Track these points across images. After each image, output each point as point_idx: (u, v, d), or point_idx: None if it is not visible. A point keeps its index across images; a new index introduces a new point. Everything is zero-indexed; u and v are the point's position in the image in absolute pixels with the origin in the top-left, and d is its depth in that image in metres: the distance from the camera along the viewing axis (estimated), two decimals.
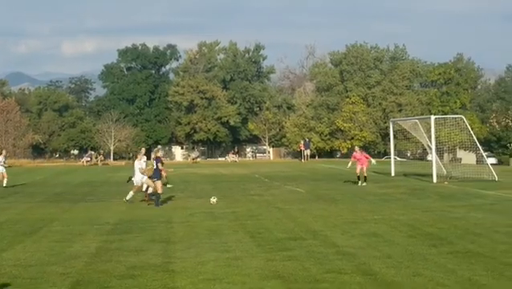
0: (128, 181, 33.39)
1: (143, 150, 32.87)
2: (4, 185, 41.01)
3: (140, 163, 29.49)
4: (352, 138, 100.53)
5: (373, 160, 40.15)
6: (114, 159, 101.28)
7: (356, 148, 42.55)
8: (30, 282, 12.51)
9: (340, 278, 12.35)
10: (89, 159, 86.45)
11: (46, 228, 20.65)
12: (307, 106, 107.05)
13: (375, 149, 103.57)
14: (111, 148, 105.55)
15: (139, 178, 29.12)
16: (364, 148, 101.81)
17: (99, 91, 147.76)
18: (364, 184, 37.54)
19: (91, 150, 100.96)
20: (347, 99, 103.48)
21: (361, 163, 39.14)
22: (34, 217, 24.01)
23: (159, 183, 28.04)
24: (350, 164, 40.35)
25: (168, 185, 36.79)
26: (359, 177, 38.61)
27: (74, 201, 30.43)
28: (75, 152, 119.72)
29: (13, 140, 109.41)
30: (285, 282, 12.17)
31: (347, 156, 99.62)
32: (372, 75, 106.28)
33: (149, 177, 28.46)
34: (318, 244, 16.41)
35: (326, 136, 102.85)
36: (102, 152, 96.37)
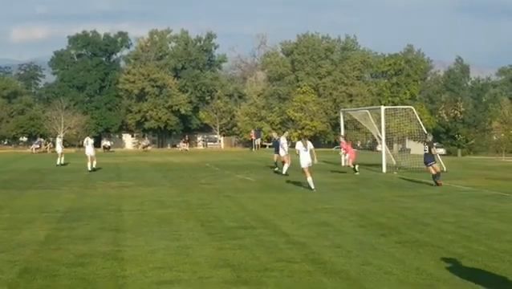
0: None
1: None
2: (89, 168, 42.03)
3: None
4: (303, 128, 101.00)
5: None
6: (65, 146, 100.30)
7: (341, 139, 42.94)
8: None
9: (290, 267, 12.39)
10: (38, 146, 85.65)
11: None
12: (258, 95, 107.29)
13: (326, 139, 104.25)
14: (61, 135, 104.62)
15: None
16: (314, 138, 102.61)
17: (48, 78, 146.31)
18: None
19: (41, 137, 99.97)
20: (298, 89, 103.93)
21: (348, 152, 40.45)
22: None
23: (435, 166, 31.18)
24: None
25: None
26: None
27: (23, 189, 30.09)
28: (24, 139, 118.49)
29: None
30: (235, 270, 12.18)
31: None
32: (323, 66, 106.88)
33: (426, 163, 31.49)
34: (269, 233, 16.44)
35: (277, 125, 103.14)
36: (51, 139, 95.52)
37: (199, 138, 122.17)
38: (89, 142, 44.63)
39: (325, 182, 32.36)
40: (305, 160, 28.12)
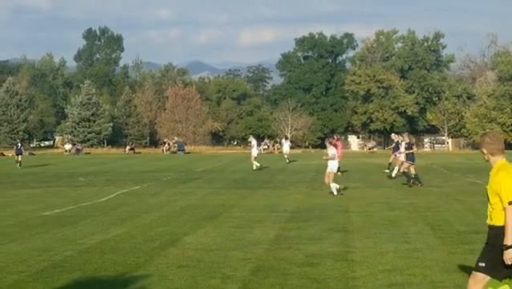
0: None
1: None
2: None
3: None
4: None
5: None
6: (290, 148, 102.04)
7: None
8: (212, 266, 12.77)
9: None
10: (266, 147, 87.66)
11: (226, 214, 21.08)
12: (488, 96, 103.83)
13: None
14: (288, 136, 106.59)
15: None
16: None
17: (276, 79, 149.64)
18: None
19: (267, 138, 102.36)
20: None
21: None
22: (214, 202, 24.59)
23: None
24: None
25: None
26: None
27: (252, 188, 30.93)
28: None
29: (193, 127, 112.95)
30: (467, 276, 11.79)
31: None
32: None
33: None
34: None
35: (508, 127, 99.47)
36: (278, 140, 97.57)
37: (426, 140, 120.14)
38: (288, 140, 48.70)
39: None
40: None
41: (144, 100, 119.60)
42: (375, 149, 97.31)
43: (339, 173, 38.64)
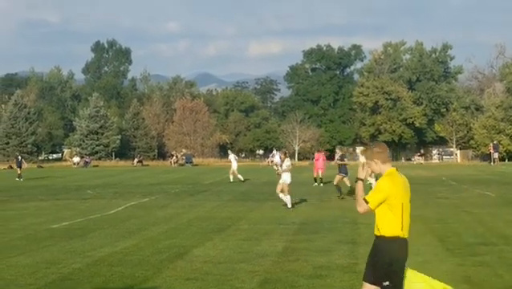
0: None
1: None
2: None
3: None
4: None
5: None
6: (298, 159, 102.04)
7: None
8: (220, 278, 12.75)
9: None
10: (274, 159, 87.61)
11: (234, 226, 21.06)
12: (497, 107, 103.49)
13: None
14: (296, 148, 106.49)
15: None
16: None
17: (283, 91, 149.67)
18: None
19: (275, 150, 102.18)
20: None
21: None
22: (222, 215, 24.57)
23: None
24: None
25: None
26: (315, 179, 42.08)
27: (260, 201, 30.94)
28: (261, 152, 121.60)
29: (201, 139, 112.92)
30: (476, 288, 11.77)
31: None
32: None
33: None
34: (511, 250, 15.78)
35: None
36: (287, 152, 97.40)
37: (434, 151, 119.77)
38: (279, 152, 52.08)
39: None
40: None
41: (152, 113, 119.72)
42: None
43: (318, 184, 41.55)
